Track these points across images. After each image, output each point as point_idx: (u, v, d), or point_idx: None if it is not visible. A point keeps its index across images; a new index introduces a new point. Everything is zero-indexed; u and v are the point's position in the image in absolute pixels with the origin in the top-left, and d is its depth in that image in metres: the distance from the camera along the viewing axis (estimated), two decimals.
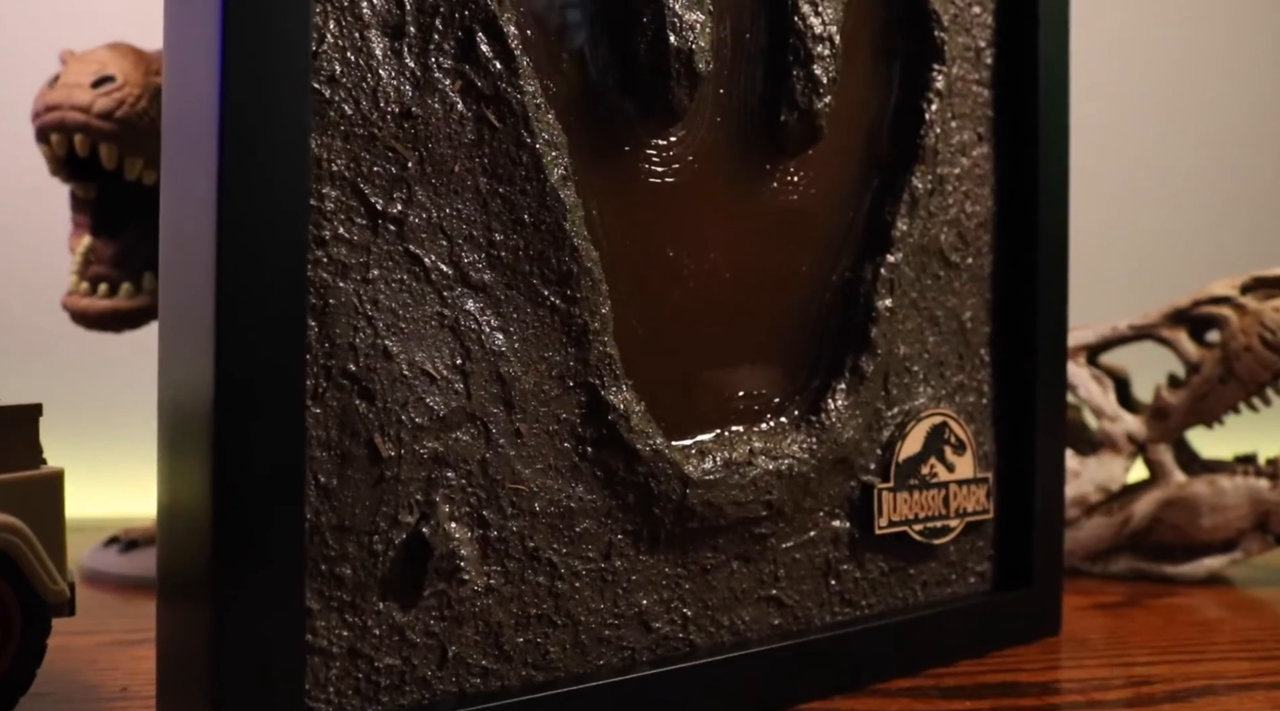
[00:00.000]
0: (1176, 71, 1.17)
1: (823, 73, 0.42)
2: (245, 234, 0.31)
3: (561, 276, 0.37)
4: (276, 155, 0.31)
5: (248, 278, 0.31)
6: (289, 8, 0.32)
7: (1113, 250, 1.06)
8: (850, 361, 0.45)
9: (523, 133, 0.36)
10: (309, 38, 0.32)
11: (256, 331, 0.31)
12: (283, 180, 0.32)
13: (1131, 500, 0.62)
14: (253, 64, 0.31)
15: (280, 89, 0.32)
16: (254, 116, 0.31)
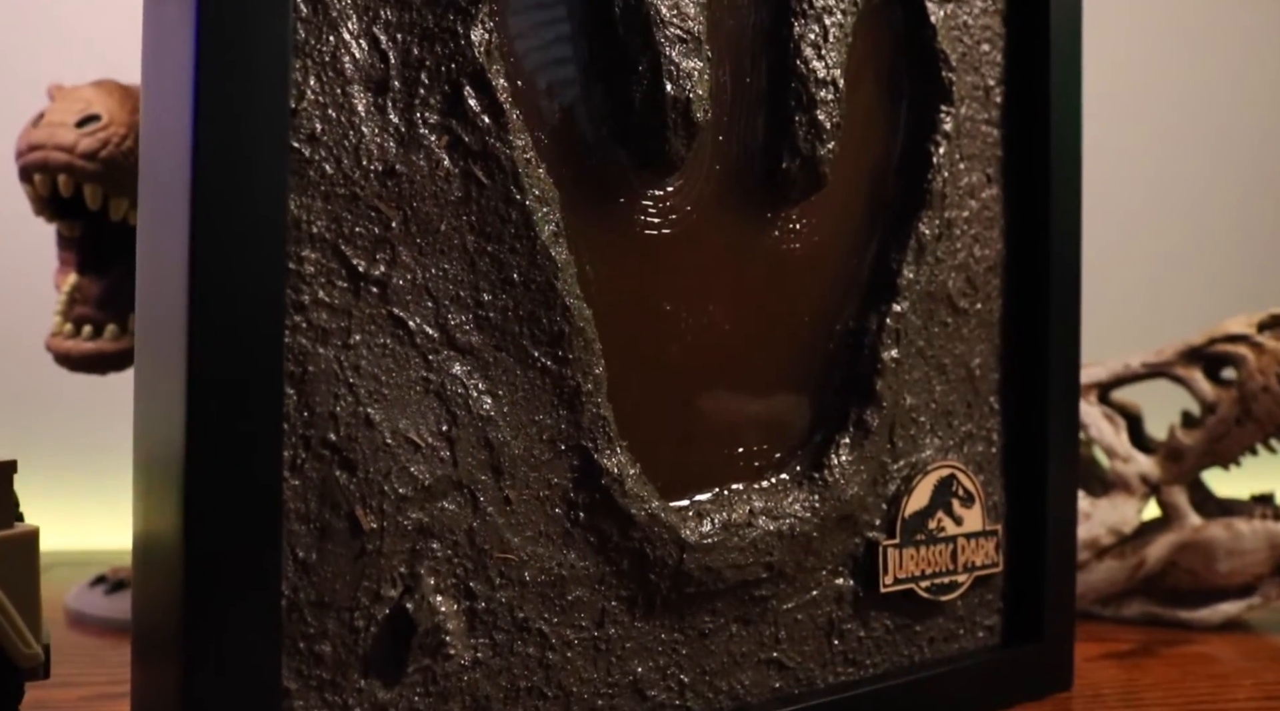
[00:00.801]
0: (1191, 102, 1.15)
1: (826, 118, 0.41)
2: (218, 301, 0.30)
3: (553, 337, 0.35)
4: (253, 218, 0.30)
5: (221, 346, 0.30)
6: (266, 64, 0.30)
7: (1123, 282, 1.05)
8: (854, 415, 0.43)
9: (512, 189, 0.34)
10: (287, 95, 0.31)
11: (230, 402, 0.30)
12: (259, 244, 0.30)
13: (1145, 543, 0.60)
14: (228, 123, 0.30)
15: (257, 149, 0.30)
16: (229, 178, 0.30)
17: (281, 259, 0.31)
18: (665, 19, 0.37)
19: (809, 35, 0.41)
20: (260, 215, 0.30)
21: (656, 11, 0.37)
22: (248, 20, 0.30)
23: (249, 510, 0.30)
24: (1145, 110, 1.13)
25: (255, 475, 0.30)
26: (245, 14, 0.30)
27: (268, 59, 0.30)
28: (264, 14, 0.30)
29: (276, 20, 0.31)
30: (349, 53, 0.32)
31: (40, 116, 0.53)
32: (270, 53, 0.30)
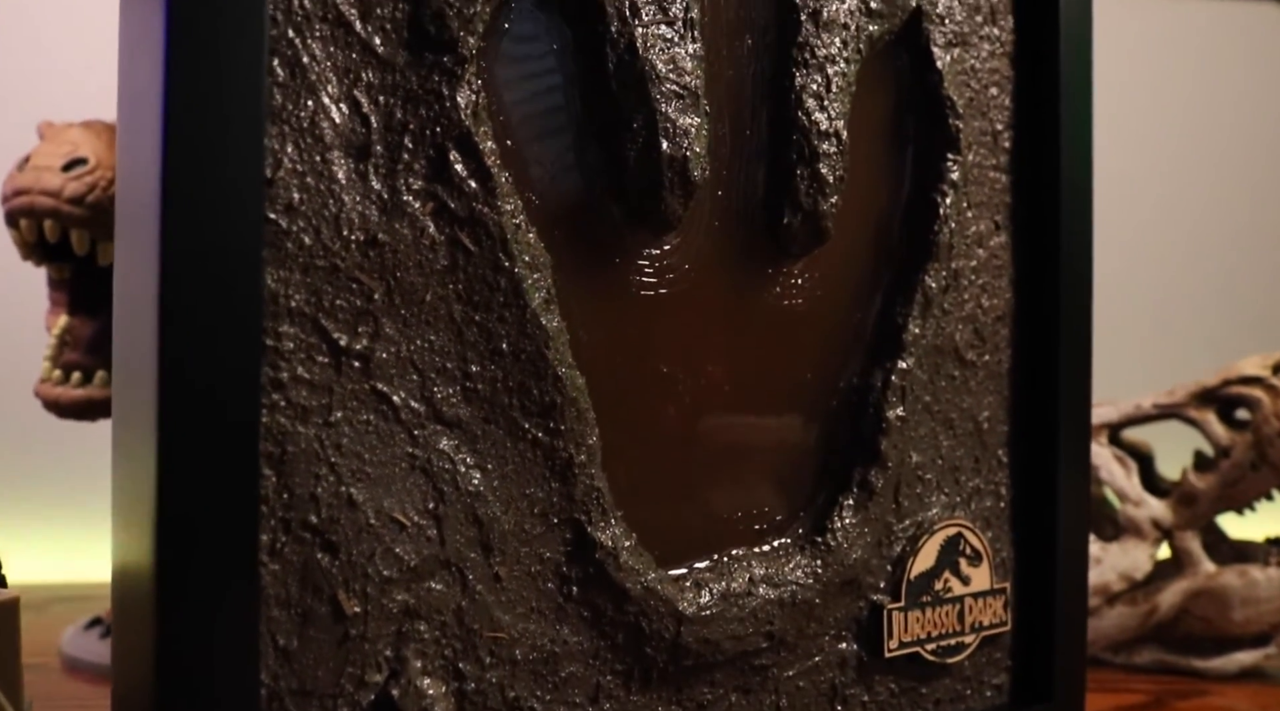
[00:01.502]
0: (1203, 139, 1.14)
1: (829, 171, 0.40)
2: (189, 384, 0.29)
3: (544, 408, 0.34)
4: (227, 295, 0.29)
5: (193, 432, 0.29)
6: (240, 133, 0.29)
7: (1133, 317, 1.03)
8: (859, 475, 0.42)
9: (500, 256, 0.33)
10: (263, 164, 0.30)
11: (203, 488, 0.29)
12: (234, 322, 0.29)
13: (1157, 590, 0.59)
14: (199, 196, 0.29)
15: (231, 222, 0.29)
16: (201, 254, 0.29)
17: (258, 336, 0.30)
18: (661, 74, 0.36)
19: (811, 86, 0.39)
20: (235, 291, 0.29)
21: (651, 67, 0.35)
22: (220, 87, 0.29)
23: (226, 599, 0.29)
24: (1156, 147, 1.11)
25: (232, 562, 0.29)
26: (217, 81, 0.29)
27: (241, 127, 0.29)
28: (237, 80, 0.29)
29: (250, 86, 0.29)
30: (328, 118, 0.31)
31: (26, 159, 0.52)
32: (244, 121, 0.29)
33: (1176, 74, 1.13)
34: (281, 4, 0.30)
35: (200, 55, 0.29)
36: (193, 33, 0.29)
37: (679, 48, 0.36)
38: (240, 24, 0.29)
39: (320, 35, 0.31)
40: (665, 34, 0.36)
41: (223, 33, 0.29)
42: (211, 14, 0.29)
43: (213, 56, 0.29)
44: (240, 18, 0.29)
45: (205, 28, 0.29)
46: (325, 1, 0.31)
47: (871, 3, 0.41)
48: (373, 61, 0.32)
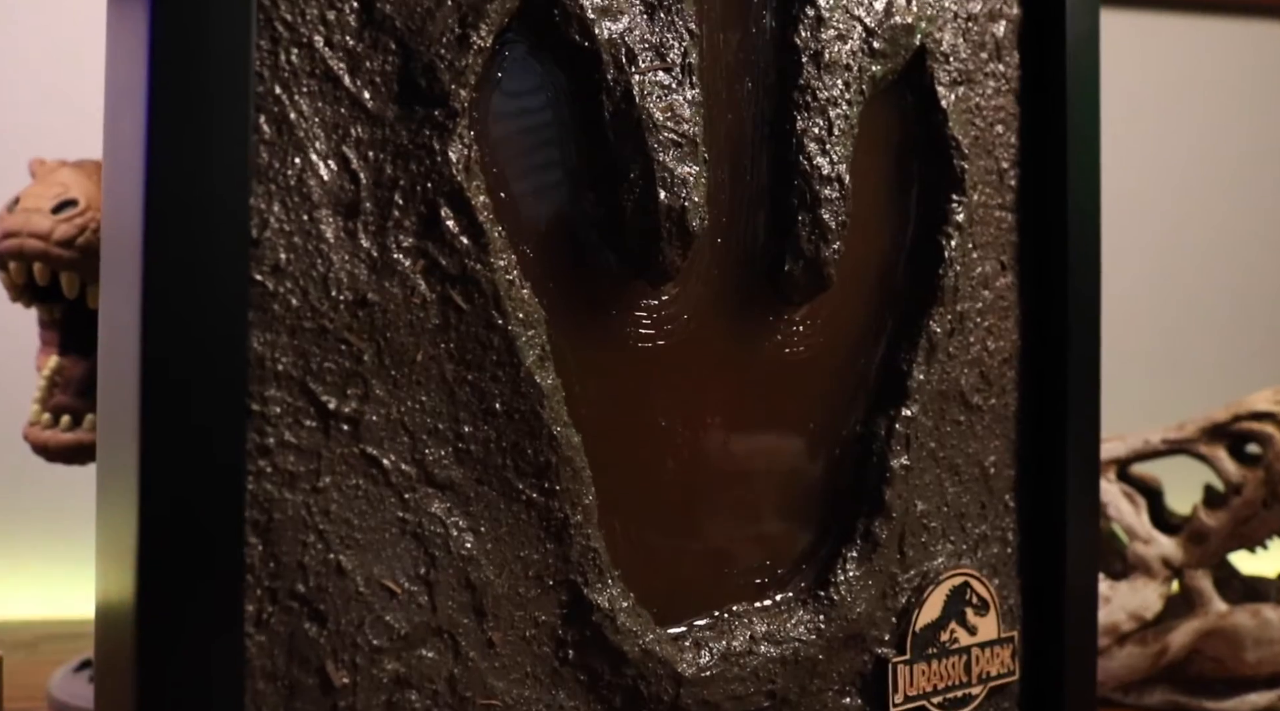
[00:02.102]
0: (1212, 161, 1.13)
1: (831, 217, 0.39)
2: (173, 449, 0.28)
3: (539, 468, 0.33)
4: (211, 359, 0.28)
5: (177, 498, 0.28)
6: (225, 193, 0.28)
7: (1140, 350, 1.02)
8: (862, 526, 0.41)
9: (493, 313, 0.32)
10: (248, 224, 0.29)
11: (188, 557, 0.28)
12: (219, 387, 0.28)
13: (1167, 629, 0.57)
14: (183, 259, 0.28)
15: (215, 285, 0.28)
16: (185, 318, 0.28)
17: (243, 402, 0.29)
18: (658, 123, 0.35)
19: (813, 129, 0.39)
20: (220, 356, 0.28)
21: (648, 115, 0.35)
22: (204, 147, 0.28)
23: (210, 672, 0.28)
24: (1163, 171, 1.11)
25: (216, 634, 0.28)
26: (201, 140, 0.28)
27: (226, 188, 0.28)
28: (222, 139, 0.28)
29: (235, 145, 0.29)
30: (316, 175, 0.30)
31: (15, 201, 0.51)
32: (229, 181, 0.28)
33: (1182, 96, 1.12)
34: (268, 60, 0.29)
35: (184, 114, 0.28)
36: (176, 91, 0.28)
37: (677, 94, 0.36)
38: (225, 81, 0.28)
39: (308, 90, 0.30)
40: (663, 80, 0.35)
41: (207, 90, 0.28)
42: (196, 71, 0.28)
43: (197, 115, 0.28)
44: (225, 75, 0.28)
45: (189, 86, 0.28)
46: (313, 56, 0.30)
47: (874, 43, 0.40)
48: (362, 116, 0.31)
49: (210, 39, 0.28)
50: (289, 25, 0.30)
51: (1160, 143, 1.10)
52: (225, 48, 0.28)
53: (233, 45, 0.29)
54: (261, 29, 0.29)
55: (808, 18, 0.39)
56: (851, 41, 0.40)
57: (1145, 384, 0.95)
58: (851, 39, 0.40)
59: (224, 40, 0.28)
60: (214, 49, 0.28)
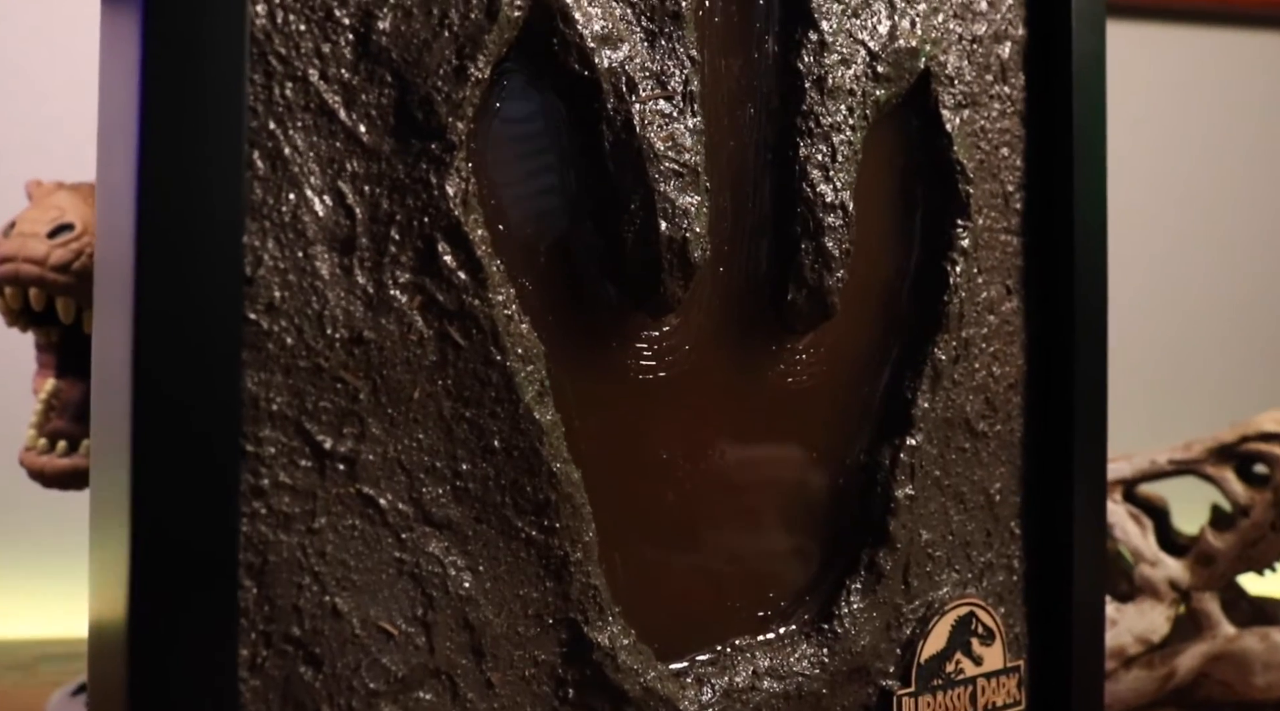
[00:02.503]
0: (1218, 183, 1.12)
1: (834, 245, 0.38)
2: (166, 491, 0.27)
3: (538, 506, 0.33)
4: (205, 399, 0.28)
5: (169, 541, 0.27)
6: (218, 230, 0.28)
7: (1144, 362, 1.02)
8: (867, 557, 0.40)
9: (492, 350, 0.32)
10: (241, 263, 0.28)
11: (181, 601, 0.27)
12: (212, 428, 0.28)
13: (1175, 653, 0.57)
14: (176, 297, 0.27)
15: (209, 324, 0.28)
16: (177, 359, 0.27)
17: (237, 443, 0.28)
18: (659, 152, 0.34)
19: (816, 156, 0.38)
20: (213, 396, 0.28)
21: (649, 145, 0.34)
22: (197, 183, 0.28)
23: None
24: (1168, 187, 1.10)
25: (210, 680, 0.28)
26: (194, 177, 0.28)
27: (220, 225, 0.28)
28: (215, 176, 0.28)
29: (229, 182, 0.28)
30: (311, 211, 0.30)
31: (12, 225, 0.51)
32: (223, 218, 0.28)
33: (1185, 108, 1.11)
34: (262, 94, 0.29)
35: (176, 151, 0.27)
36: (168, 127, 0.27)
37: (678, 123, 0.35)
38: (218, 116, 0.28)
39: (302, 125, 0.30)
40: (663, 109, 0.35)
41: (200, 126, 0.28)
42: (188, 106, 0.28)
43: (189, 151, 0.28)
44: (219, 110, 0.28)
45: (181, 122, 0.27)
46: (308, 90, 0.30)
47: (878, 67, 0.40)
48: (357, 150, 0.30)
49: (203, 74, 0.28)
50: (283, 59, 0.29)
51: (1165, 155, 1.10)
52: (218, 83, 0.28)
53: (226, 80, 0.28)
54: (255, 63, 0.29)
55: (810, 42, 0.39)
56: (855, 66, 0.39)
57: (1150, 399, 0.94)
58: (855, 63, 0.39)
59: (217, 75, 0.28)
60: (207, 84, 0.28)
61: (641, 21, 0.35)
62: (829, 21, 0.39)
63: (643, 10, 0.35)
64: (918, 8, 0.41)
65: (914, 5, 0.41)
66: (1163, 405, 0.98)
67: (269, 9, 0.29)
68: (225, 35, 0.28)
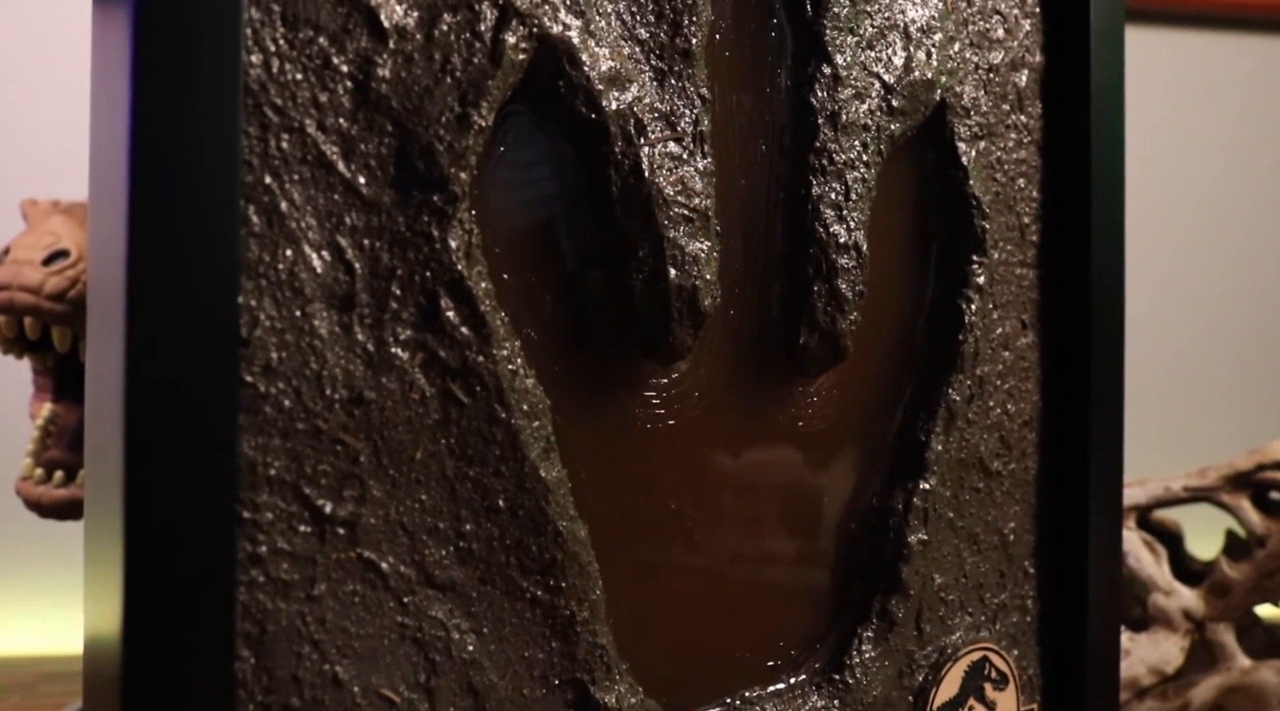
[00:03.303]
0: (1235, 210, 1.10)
1: (848, 287, 0.37)
2: (160, 562, 0.26)
3: (543, 566, 0.32)
4: (200, 466, 0.27)
5: (164, 612, 0.26)
6: (212, 290, 0.27)
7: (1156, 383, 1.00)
8: (879, 605, 0.39)
9: (496, 407, 0.31)
10: (237, 323, 0.27)
11: (176, 673, 0.26)
12: (208, 495, 0.27)
13: (1189, 684, 0.56)
14: (169, 362, 0.26)
15: (204, 388, 0.27)
16: (170, 425, 0.26)
17: (234, 509, 0.27)
18: (668, 198, 0.33)
19: (829, 195, 0.37)
20: (209, 462, 0.27)
21: (658, 190, 0.33)
22: (190, 243, 0.27)
23: None
24: (1182, 207, 1.08)
25: None
26: (187, 236, 0.27)
27: (214, 286, 0.27)
28: (209, 235, 0.27)
29: (224, 241, 0.27)
30: (309, 267, 0.29)
31: (6, 251, 0.50)
32: (217, 278, 0.27)
33: (1199, 120, 1.10)
34: (257, 147, 0.28)
35: (168, 209, 0.26)
36: (160, 187, 0.26)
37: (688, 166, 0.34)
38: (212, 173, 0.27)
39: (300, 178, 0.29)
40: (673, 151, 0.34)
41: (193, 184, 0.27)
42: (181, 163, 0.27)
43: (182, 209, 0.27)
44: (212, 167, 0.27)
45: (174, 180, 0.26)
46: (304, 142, 0.29)
47: (893, 100, 0.39)
48: (357, 203, 0.29)
49: (196, 129, 0.27)
50: (279, 110, 0.28)
51: (1177, 165, 1.08)
52: (212, 138, 0.27)
53: (220, 135, 0.27)
54: (250, 115, 0.28)
55: (824, 77, 0.37)
56: (870, 100, 0.38)
57: (1165, 420, 0.93)
58: (870, 98, 0.38)
59: (210, 130, 0.27)
60: (200, 139, 0.27)
61: (651, 60, 0.34)
62: (843, 55, 0.38)
63: (652, 48, 0.34)
64: (933, 38, 0.40)
65: (930, 35, 0.40)
66: (1177, 426, 0.97)
67: (264, 58, 0.28)
68: (218, 88, 0.27)
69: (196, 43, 0.27)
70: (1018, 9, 0.43)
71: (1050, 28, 0.44)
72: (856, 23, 0.38)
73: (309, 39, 0.29)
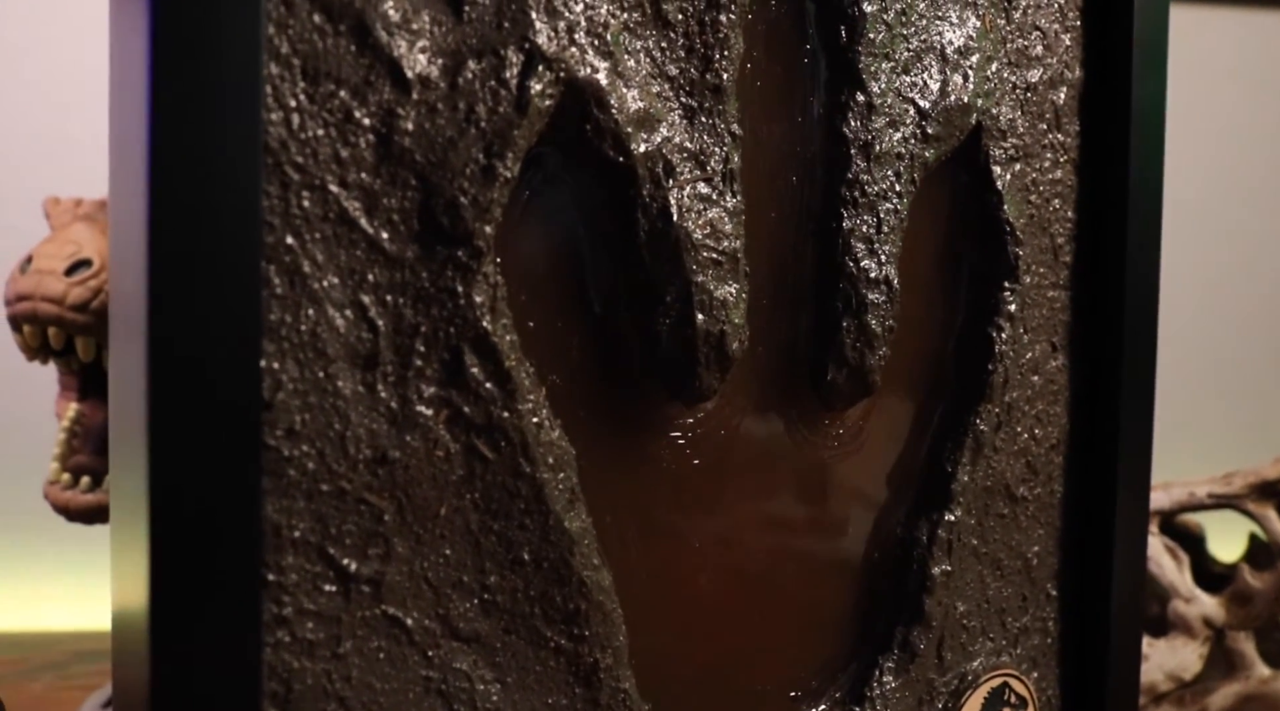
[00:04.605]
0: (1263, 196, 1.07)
1: (877, 324, 0.37)
2: (187, 626, 0.26)
3: (567, 615, 0.32)
4: (224, 531, 0.27)
5: (191, 675, 0.27)
6: (233, 355, 0.27)
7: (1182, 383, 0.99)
8: (900, 635, 0.39)
9: (521, 461, 0.31)
10: (260, 387, 0.27)
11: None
12: (233, 560, 0.27)
13: (1206, 691, 0.56)
14: (190, 427, 0.26)
15: (227, 453, 0.27)
16: (195, 488, 0.26)
17: (259, 572, 0.27)
18: (697, 242, 0.33)
19: (861, 228, 0.36)
20: (233, 528, 0.27)
21: (687, 235, 0.32)
22: (210, 308, 0.26)
23: None
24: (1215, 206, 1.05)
25: None
26: (208, 301, 0.26)
27: (236, 351, 0.27)
28: (231, 299, 0.27)
29: (246, 305, 0.27)
30: (331, 327, 0.28)
31: (28, 260, 0.50)
32: (239, 343, 0.27)
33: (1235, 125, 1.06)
34: (278, 207, 0.27)
35: (189, 276, 0.26)
36: (180, 252, 0.26)
37: (717, 206, 0.33)
38: (233, 237, 0.27)
39: (321, 236, 0.28)
40: (702, 192, 0.33)
41: (214, 248, 0.26)
42: (201, 228, 0.26)
43: (203, 277, 0.26)
44: (233, 231, 0.27)
45: (193, 244, 0.26)
46: (326, 199, 0.28)
47: (928, 127, 0.38)
48: (379, 259, 0.29)
49: (217, 191, 0.26)
50: (300, 168, 0.28)
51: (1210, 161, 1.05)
52: (232, 199, 0.26)
53: (240, 197, 0.26)
54: (270, 174, 0.27)
55: (858, 104, 0.36)
56: (904, 128, 0.37)
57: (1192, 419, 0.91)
58: (905, 125, 0.37)
59: (231, 193, 0.26)
60: (222, 202, 0.26)
61: (680, 97, 0.33)
62: (878, 82, 0.36)
63: (681, 84, 0.33)
64: (971, 59, 0.39)
65: (967, 57, 0.39)
66: (1203, 424, 0.95)
67: (284, 115, 0.27)
68: (239, 150, 0.26)
69: (217, 105, 0.26)
70: (1058, 23, 0.42)
71: (1091, 41, 0.43)
72: (893, 47, 0.37)
73: (330, 93, 0.28)
